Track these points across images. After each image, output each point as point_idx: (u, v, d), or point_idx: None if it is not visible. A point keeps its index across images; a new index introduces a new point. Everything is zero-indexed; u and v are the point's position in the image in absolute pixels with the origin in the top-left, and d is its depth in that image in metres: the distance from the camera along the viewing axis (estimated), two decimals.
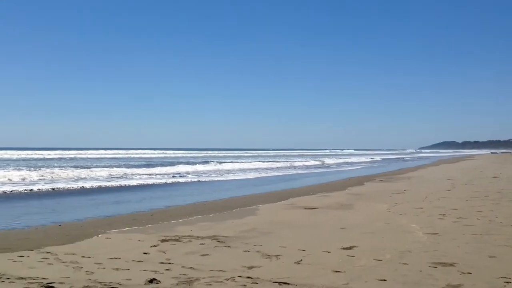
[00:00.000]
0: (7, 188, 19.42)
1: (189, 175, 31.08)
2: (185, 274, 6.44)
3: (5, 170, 28.75)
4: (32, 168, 31.03)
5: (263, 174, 34.12)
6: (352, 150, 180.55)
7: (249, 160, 57.34)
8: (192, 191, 21.43)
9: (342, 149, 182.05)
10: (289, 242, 8.74)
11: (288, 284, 6.00)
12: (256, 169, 40.17)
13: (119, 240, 9.15)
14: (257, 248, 8.24)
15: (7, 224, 11.20)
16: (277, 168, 44.45)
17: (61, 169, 30.69)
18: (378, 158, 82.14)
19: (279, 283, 6.04)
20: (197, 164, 43.74)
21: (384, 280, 6.12)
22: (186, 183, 25.99)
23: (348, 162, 63.45)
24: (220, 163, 47.86)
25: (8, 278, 6.20)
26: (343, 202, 15.37)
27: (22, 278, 6.20)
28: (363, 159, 74.72)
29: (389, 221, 11.05)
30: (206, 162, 50.59)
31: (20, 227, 10.88)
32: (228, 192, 20.57)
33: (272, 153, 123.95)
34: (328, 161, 63.25)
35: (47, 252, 7.93)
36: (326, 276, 6.32)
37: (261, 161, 54.85)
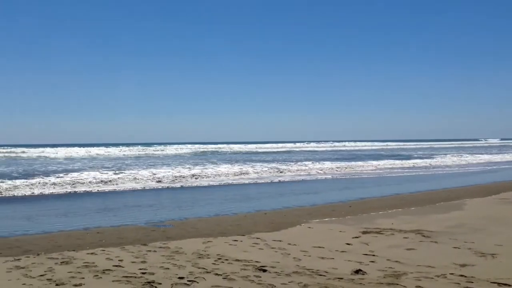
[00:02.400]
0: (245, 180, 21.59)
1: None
2: (391, 267, 6.27)
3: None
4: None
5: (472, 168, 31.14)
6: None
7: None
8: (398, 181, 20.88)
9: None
10: (506, 240, 7.84)
11: (510, 286, 5.37)
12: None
13: (321, 230, 9.40)
14: (468, 245, 7.58)
15: (220, 211, 12.46)
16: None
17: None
18: None
19: (499, 283, 5.45)
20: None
21: None
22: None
23: None
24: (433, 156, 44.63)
25: (226, 259, 6.87)
26: None
27: (238, 260, 6.81)
28: None
29: None
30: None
31: (231, 213, 12.00)
32: (424, 184, 19.46)
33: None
34: None
35: (257, 238, 8.58)
36: None
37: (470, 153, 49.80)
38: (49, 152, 51.24)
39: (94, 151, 54.92)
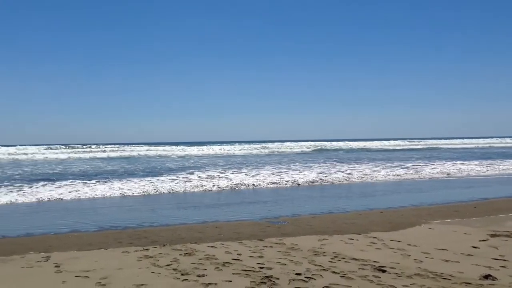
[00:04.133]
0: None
1: None
2: None
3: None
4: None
5: None
6: None
7: None
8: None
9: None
10: None
11: None
12: None
13: (443, 231, 8.85)
14: None
15: (334, 208, 12.31)
16: None
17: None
18: None
19: None
20: None
21: None
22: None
23: None
24: None
25: (343, 258, 6.76)
26: None
27: (355, 259, 6.66)
28: None
29: None
30: None
31: (345, 211, 11.79)
32: None
33: None
34: None
35: (374, 237, 8.33)
36: None
37: None
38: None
39: (211, 150, 57.66)
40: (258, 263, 6.43)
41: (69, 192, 15.92)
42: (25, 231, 9.62)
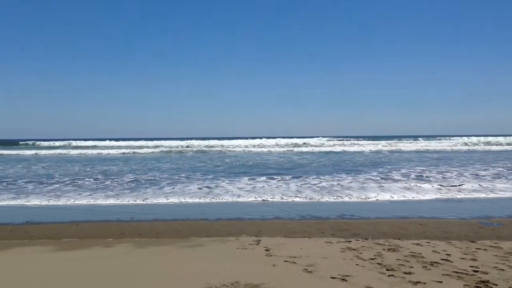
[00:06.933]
0: None
1: None
2: None
3: None
4: None
5: None
6: None
7: None
8: None
9: None
10: None
11: None
12: None
13: None
14: None
15: None
16: None
17: None
18: None
19: None
20: None
21: None
22: None
23: None
24: None
25: None
26: None
27: None
28: None
29: None
30: None
31: None
32: None
33: None
34: None
35: None
36: None
37: None
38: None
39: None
40: (471, 266, 5.90)
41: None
42: (236, 216, 10.61)
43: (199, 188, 15.61)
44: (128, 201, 13.06)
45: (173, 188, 15.82)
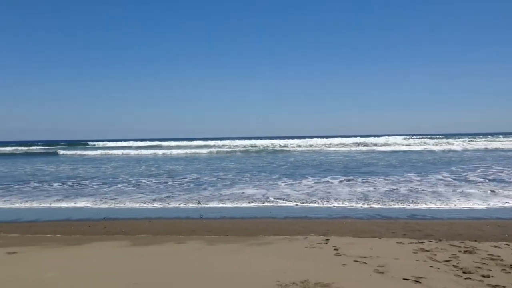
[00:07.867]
0: None
1: None
2: None
3: None
4: None
5: None
6: None
7: None
8: None
9: None
10: None
11: None
12: None
13: None
14: None
15: None
16: None
17: None
18: None
19: None
20: None
21: None
22: None
23: None
24: None
25: None
26: None
27: None
28: None
29: None
30: None
31: None
32: None
33: None
34: None
35: None
36: None
37: None
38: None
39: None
40: None
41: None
42: (304, 215, 10.59)
43: (260, 189, 15.73)
44: (198, 203, 13.38)
45: (241, 187, 16.05)
